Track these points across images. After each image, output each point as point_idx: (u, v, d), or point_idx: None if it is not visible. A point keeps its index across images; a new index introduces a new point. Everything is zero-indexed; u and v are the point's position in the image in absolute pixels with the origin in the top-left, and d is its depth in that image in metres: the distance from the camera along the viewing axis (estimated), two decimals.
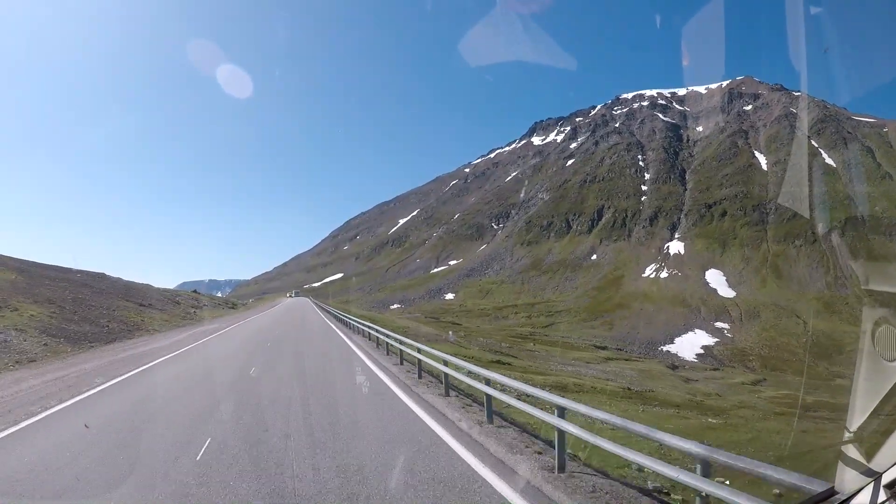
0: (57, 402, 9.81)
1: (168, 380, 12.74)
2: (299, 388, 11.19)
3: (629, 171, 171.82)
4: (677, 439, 4.88)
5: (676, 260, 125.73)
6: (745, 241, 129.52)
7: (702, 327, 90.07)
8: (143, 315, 31.29)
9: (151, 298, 40.86)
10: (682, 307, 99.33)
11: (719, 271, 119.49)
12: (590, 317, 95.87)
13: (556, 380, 18.69)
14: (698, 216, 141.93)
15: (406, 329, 30.64)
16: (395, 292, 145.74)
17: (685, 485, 4.71)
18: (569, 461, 6.48)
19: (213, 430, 7.68)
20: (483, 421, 8.96)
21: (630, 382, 27.26)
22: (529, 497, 5.48)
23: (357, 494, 5.38)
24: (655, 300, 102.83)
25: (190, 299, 54.44)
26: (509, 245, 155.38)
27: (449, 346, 25.59)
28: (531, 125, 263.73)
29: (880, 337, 2.71)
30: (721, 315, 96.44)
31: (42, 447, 6.99)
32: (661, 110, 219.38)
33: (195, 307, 47.97)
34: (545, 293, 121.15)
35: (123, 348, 19.07)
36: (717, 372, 63.20)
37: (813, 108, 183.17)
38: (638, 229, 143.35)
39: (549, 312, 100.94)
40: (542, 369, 25.98)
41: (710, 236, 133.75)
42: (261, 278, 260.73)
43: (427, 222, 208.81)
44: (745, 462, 4.20)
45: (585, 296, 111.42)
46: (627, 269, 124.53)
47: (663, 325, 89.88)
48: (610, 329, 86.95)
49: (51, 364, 14.56)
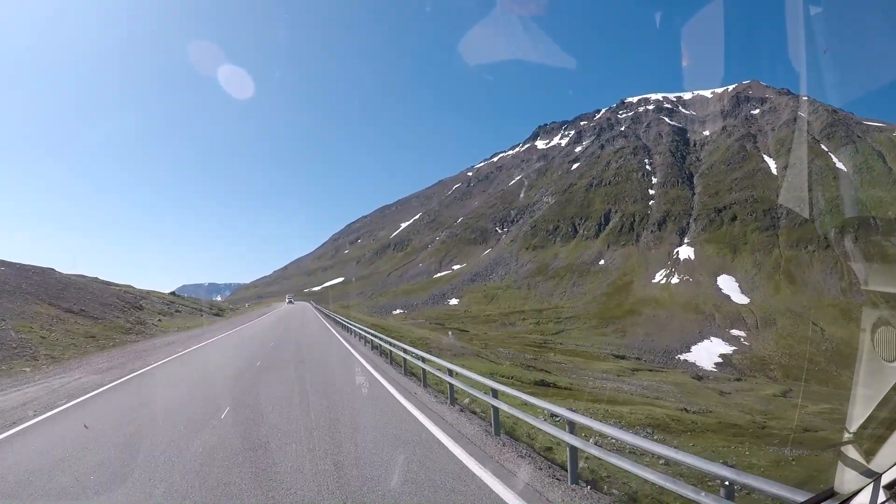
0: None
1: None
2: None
3: (636, 174, 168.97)
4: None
5: (687, 265, 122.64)
6: (756, 246, 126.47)
7: (717, 335, 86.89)
8: (51, 329, 22.39)
9: (95, 302, 32.67)
10: (695, 314, 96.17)
11: (731, 277, 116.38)
12: (600, 323, 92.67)
13: (646, 412, 15.57)
14: (708, 221, 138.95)
15: (426, 341, 27.04)
16: (397, 297, 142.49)
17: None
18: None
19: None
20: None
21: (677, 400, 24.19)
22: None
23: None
24: (667, 306, 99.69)
25: (162, 303, 47.05)
26: (514, 250, 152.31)
27: (481, 362, 22.38)
28: (534, 129, 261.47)
29: (880, 338, 2.70)
30: (736, 322, 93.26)
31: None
32: (667, 114, 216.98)
33: (165, 314, 41.11)
34: (552, 299, 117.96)
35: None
36: (741, 382, 60.03)
37: (821, 111, 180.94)
38: (646, 234, 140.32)
39: (557, 319, 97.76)
40: (594, 392, 22.78)
41: (720, 241, 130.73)
42: (260, 282, 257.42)
43: (430, 226, 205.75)
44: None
45: (594, 302, 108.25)
46: (637, 274, 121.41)
47: (677, 333, 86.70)
48: (622, 336, 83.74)
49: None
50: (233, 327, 38.37)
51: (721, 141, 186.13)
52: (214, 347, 24.26)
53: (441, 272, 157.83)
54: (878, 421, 2.68)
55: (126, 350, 21.92)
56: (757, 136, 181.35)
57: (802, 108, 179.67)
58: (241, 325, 41.72)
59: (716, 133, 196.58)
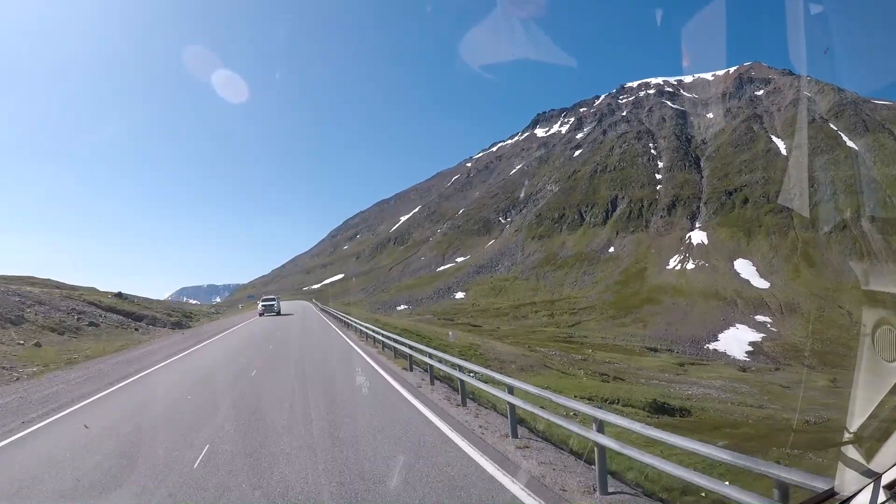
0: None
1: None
2: None
3: (641, 159, 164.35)
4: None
5: (701, 250, 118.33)
6: (771, 228, 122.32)
7: (742, 322, 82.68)
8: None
9: (11, 314, 25.18)
10: (715, 300, 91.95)
11: (748, 261, 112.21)
12: (618, 314, 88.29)
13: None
14: (719, 204, 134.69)
15: (475, 348, 21.34)
16: (400, 292, 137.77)
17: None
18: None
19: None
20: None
21: (776, 404, 19.71)
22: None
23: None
24: (686, 294, 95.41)
25: (99, 315, 33.58)
26: (519, 239, 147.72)
27: (556, 377, 17.66)
28: (533, 117, 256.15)
29: (880, 337, 2.71)
30: (759, 308, 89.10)
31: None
32: (669, 98, 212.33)
33: (95, 323, 30.53)
34: (563, 289, 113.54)
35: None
36: (780, 372, 55.79)
37: (827, 91, 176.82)
38: (655, 219, 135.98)
39: (572, 310, 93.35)
40: (722, 414, 17.98)
41: (733, 225, 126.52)
42: (257, 282, 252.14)
43: (430, 219, 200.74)
44: None
45: (608, 291, 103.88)
46: (649, 261, 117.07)
47: (700, 321, 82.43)
48: (644, 327, 79.42)
49: None
50: (166, 356, 21.51)
51: (727, 123, 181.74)
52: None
53: (444, 265, 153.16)
54: (879, 421, 2.63)
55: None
56: (763, 116, 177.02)
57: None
58: (187, 349, 24.08)
59: (720, 115, 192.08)
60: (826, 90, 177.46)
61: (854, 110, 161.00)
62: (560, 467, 6.77)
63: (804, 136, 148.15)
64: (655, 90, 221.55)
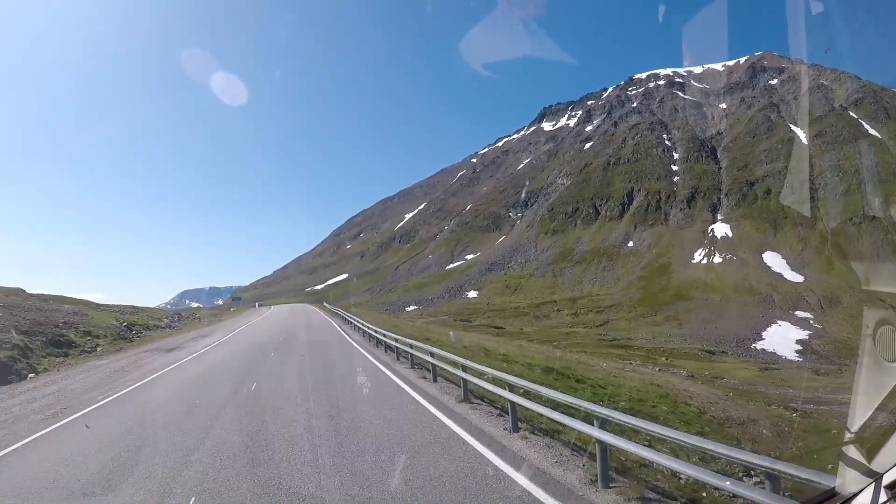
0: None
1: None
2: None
3: (655, 150, 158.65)
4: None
5: (726, 243, 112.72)
6: (797, 219, 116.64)
7: (783, 318, 77.14)
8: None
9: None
10: (750, 296, 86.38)
11: (777, 254, 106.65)
12: (648, 311, 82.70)
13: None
14: (741, 195, 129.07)
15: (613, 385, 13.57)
16: (408, 292, 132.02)
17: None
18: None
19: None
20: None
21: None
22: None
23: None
24: (718, 289, 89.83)
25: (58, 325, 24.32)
26: (532, 235, 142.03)
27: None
28: (540, 111, 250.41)
29: (881, 337, 2.68)
30: (798, 303, 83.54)
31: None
32: (680, 88, 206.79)
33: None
34: (583, 286, 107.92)
35: None
36: (850, 374, 50.14)
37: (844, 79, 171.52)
38: (675, 212, 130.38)
39: (597, 308, 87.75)
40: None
41: (757, 216, 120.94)
42: (259, 283, 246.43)
43: (436, 215, 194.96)
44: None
45: (633, 287, 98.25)
46: (672, 255, 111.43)
47: (739, 318, 76.85)
48: (679, 326, 73.87)
49: None
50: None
51: (742, 113, 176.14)
52: None
53: (454, 263, 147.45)
54: (880, 421, 2.61)
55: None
56: (780, 105, 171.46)
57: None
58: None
59: (734, 105, 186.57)
60: (843, 78, 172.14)
61: (873, 97, 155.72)
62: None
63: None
64: (665, 81, 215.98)
